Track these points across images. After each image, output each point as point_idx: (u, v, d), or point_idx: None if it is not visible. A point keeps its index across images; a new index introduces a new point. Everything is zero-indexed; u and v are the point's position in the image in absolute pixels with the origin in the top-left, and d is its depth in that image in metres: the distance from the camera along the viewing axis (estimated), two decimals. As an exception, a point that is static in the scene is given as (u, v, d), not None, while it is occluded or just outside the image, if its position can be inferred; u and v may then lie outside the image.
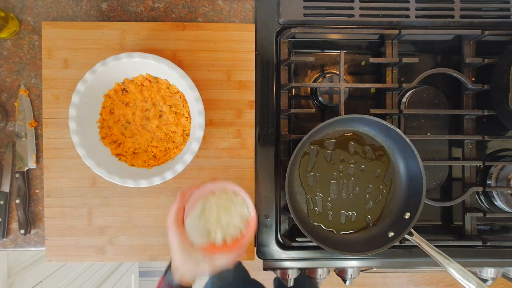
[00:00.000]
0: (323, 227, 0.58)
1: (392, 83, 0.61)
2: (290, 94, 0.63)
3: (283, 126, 0.61)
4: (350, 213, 0.58)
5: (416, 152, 0.53)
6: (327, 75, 0.64)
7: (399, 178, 0.58)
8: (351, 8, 0.60)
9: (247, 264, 0.97)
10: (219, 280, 0.85)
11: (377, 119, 0.53)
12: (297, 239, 0.60)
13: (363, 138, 0.59)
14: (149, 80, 0.55)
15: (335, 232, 0.58)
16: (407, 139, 0.53)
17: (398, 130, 0.53)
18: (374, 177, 0.58)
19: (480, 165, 0.63)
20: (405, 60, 0.57)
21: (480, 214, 0.60)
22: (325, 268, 0.61)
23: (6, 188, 0.59)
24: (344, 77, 0.58)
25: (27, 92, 0.60)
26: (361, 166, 0.58)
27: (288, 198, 0.53)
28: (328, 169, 0.58)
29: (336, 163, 0.58)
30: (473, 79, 0.62)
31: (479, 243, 0.59)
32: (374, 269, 0.63)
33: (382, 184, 0.58)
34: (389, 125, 0.53)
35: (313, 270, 0.60)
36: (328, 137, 0.58)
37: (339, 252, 0.52)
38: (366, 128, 0.58)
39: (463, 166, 0.62)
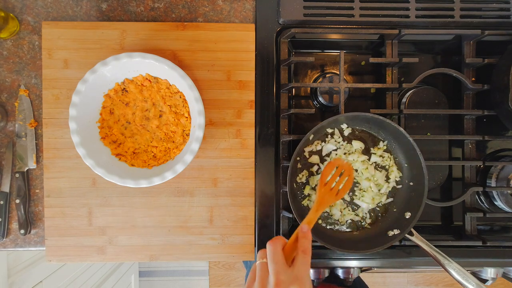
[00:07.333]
0: (325, 226, 0.58)
1: (392, 83, 0.60)
2: (290, 94, 0.63)
3: (283, 126, 0.61)
4: (352, 211, 0.58)
5: (419, 152, 0.53)
6: (327, 75, 0.64)
7: (400, 177, 0.58)
8: (351, 8, 0.60)
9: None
10: None
11: (381, 117, 0.53)
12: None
13: (364, 137, 0.59)
14: (149, 80, 0.55)
15: (336, 230, 0.58)
16: (410, 138, 0.53)
17: (401, 129, 0.53)
18: (375, 176, 0.58)
19: (480, 165, 0.63)
20: (405, 60, 0.57)
21: (480, 214, 0.60)
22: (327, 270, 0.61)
23: (6, 188, 0.59)
24: (344, 77, 0.58)
25: (27, 92, 0.60)
26: (362, 165, 0.58)
27: (290, 197, 0.53)
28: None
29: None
30: (473, 79, 0.62)
31: (479, 243, 0.59)
32: (374, 269, 0.63)
33: (384, 183, 0.58)
34: (393, 124, 0.53)
35: (317, 270, 0.60)
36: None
37: (340, 250, 0.52)
38: (368, 126, 0.58)
39: (463, 166, 0.62)
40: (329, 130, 0.58)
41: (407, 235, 0.52)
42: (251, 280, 0.42)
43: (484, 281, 0.62)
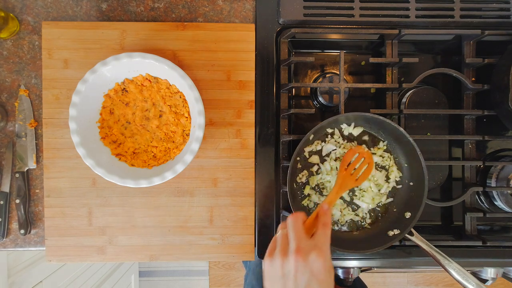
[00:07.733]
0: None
1: (392, 83, 0.61)
2: (290, 94, 0.63)
3: (283, 126, 0.61)
4: (352, 211, 0.58)
5: (419, 152, 0.53)
6: (327, 75, 0.64)
7: (400, 177, 0.58)
8: (351, 8, 0.60)
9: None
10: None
11: (381, 117, 0.53)
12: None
13: (365, 137, 0.59)
14: (149, 80, 0.55)
15: (336, 230, 0.58)
16: (410, 138, 0.53)
17: (401, 129, 0.53)
18: (375, 176, 0.58)
19: (480, 165, 0.63)
20: (405, 60, 0.57)
21: (480, 214, 0.60)
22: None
23: (6, 188, 0.59)
24: (344, 77, 0.58)
25: (27, 92, 0.60)
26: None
27: (290, 197, 0.53)
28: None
29: (337, 161, 0.58)
30: (473, 79, 0.62)
31: (479, 243, 0.59)
32: (374, 269, 0.64)
33: (384, 183, 0.58)
34: (393, 124, 0.53)
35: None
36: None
37: (340, 250, 0.52)
38: (368, 126, 0.58)
39: (463, 166, 0.62)
40: (329, 130, 0.58)
41: (407, 235, 0.52)
42: (272, 249, 0.42)
43: (484, 281, 0.62)
